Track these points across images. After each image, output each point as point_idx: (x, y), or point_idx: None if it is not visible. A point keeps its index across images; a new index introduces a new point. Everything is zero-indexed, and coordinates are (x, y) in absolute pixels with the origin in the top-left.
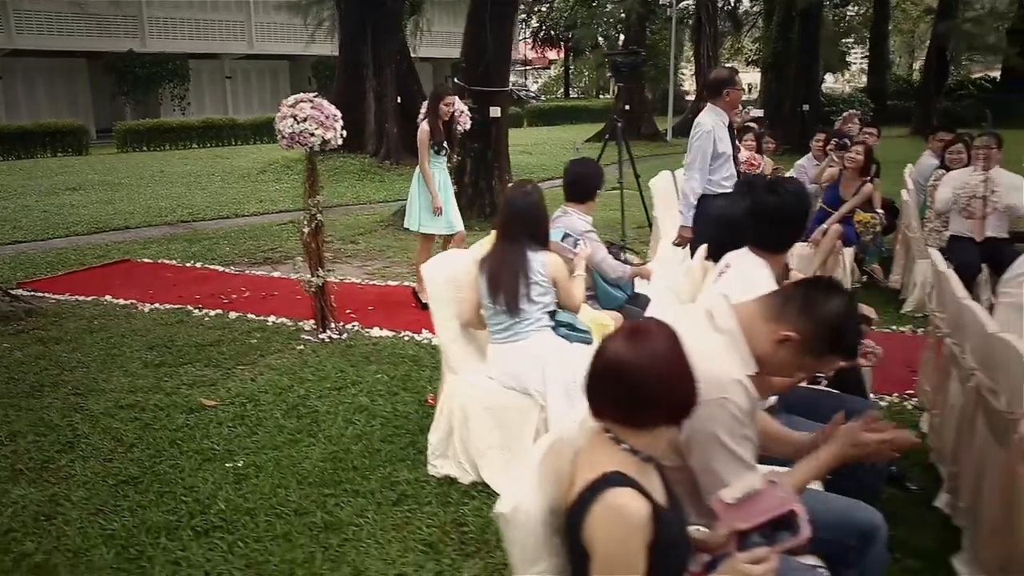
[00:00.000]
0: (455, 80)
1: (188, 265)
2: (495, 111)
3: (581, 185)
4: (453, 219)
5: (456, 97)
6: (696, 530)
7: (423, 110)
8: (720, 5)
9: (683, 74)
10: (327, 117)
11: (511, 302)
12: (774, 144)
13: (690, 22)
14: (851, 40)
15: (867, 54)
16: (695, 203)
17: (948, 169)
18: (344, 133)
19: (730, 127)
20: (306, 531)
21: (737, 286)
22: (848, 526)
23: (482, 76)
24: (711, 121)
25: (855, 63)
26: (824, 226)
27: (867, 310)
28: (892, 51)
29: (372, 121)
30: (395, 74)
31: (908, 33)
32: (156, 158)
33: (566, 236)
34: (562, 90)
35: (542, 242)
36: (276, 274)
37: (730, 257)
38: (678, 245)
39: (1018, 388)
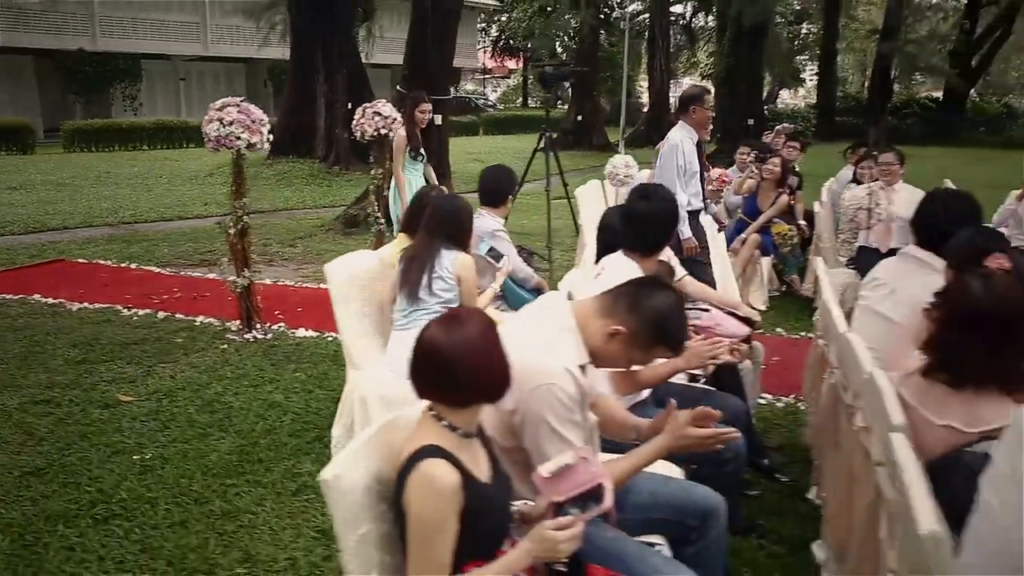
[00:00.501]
0: (398, 88)
1: (123, 266)
2: (437, 119)
3: (494, 190)
4: None
5: (388, 104)
6: (523, 504)
7: (358, 116)
8: (674, 19)
9: (641, 86)
10: (253, 121)
11: (412, 290)
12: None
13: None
14: (806, 57)
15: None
16: (686, 215)
17: (859, 182)
18: (271, 137)
19: (698, 145)
20: (203, 518)
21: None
22: (688, 507)
23: (424, 85)
24: (678, 137)
25: (810, 79)
26: (743, 236)
27: (749, 312)
28: (846, 69)
29: (322, 126)
30: (346, 80)
31: (860, 52)
32: (103, 159)
33: (491, 250)
34: (521, 99)
35: (459, 244)
36: (211, 275)
37: (606, 260)
38: (688, 256)
39: (859, 382)
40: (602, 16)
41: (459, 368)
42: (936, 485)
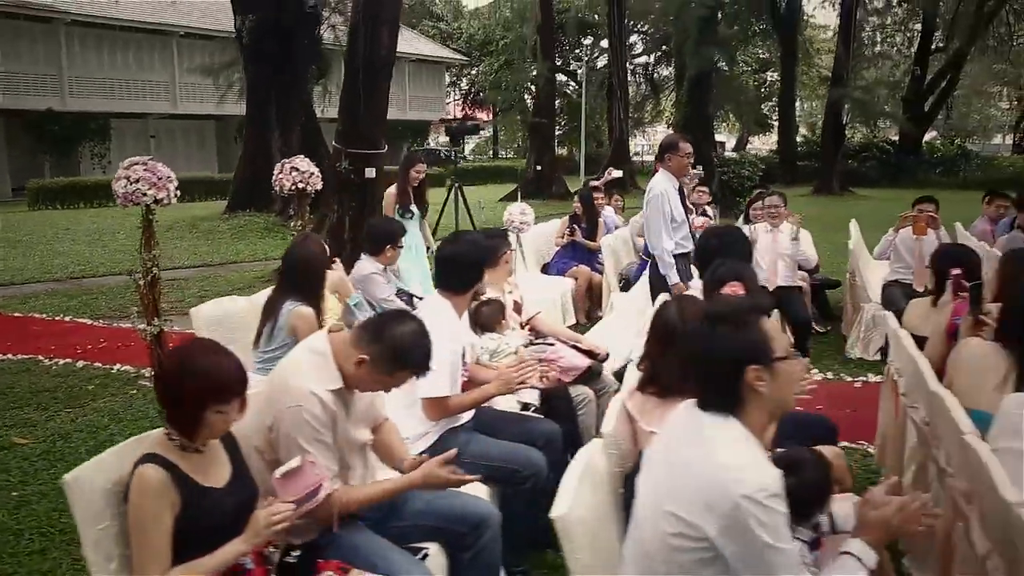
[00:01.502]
0: (333, 143)
1: (58, 318)
2: (370, 172)
3: (372, 238)
4: (421, 281)
5: (306, 159)
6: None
7: (276, 171)
8: (632, 69)
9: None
10: (159, 179)
11: (257, 338)
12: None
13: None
14: (774, 103)
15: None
16: (672, 261)
17: (752, 224)
18: (178, 193)
19: (680, 191)
20: (63, 546)
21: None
22: (459, 516)
23: (357, 139)
24: (660, 185)
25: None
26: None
27: (593, 346)
28: (814, 114)
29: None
30: (300, 135)
31: (823, 98)
32: (67, 216)
33: (358, 303)
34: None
35: (305, 293)
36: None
37: (423, 301)
38: None
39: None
40: (568, 69)
41: (168, 386)
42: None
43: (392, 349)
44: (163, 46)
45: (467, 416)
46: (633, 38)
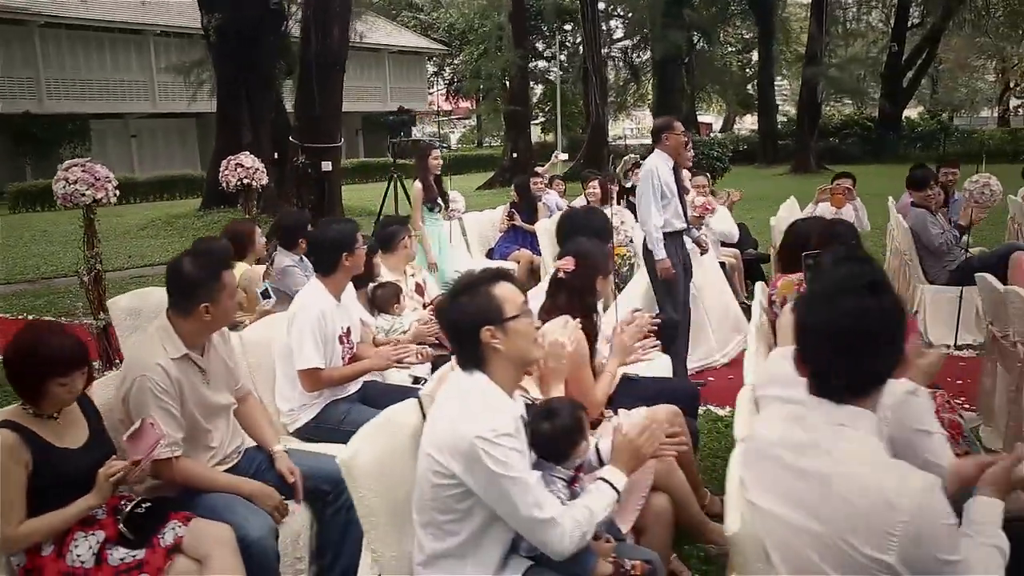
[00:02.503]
0: (290, 138)
1: (20, 317)
2: (326, 165)
3: (285, 231)
4: (450, 276)
5: (251, 156)
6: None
7: (222, 168)
8: (611, 53)
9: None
10: (97, 179)
11: None
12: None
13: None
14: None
15: (782, 96)
16: (661, 236)
17: None
18: (117, 193)
19: (675, 169)
20: None
21: (297, 304)
22: (325, 476)
23: (313, 133)
24: (653, 163)
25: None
26: None
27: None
28: (796, 93)
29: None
30: (270, 131)
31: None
32: (46, 218)
33: (264, 291)
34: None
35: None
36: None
37: (304, 287)
38: (664, 278)
39: None
40: (551, 55)
41: (7, 365)
42: None
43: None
44: (139, 45)
45: (353, 388)
46: (614, 22)
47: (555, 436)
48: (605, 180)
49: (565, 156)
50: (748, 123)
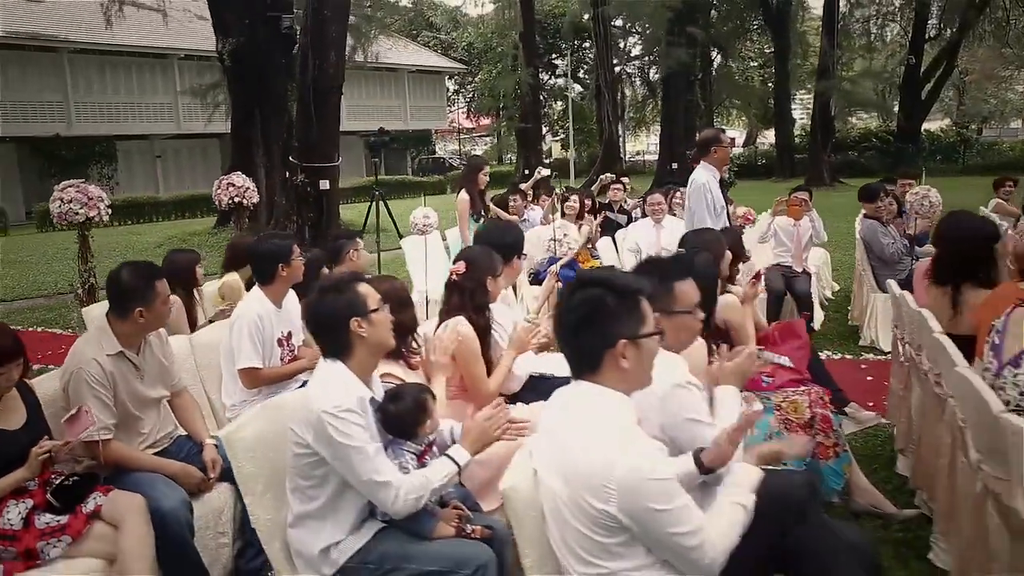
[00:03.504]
0: (290, 158)
1: (31, 330)
2: (324, 184)
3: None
4: None
5: (241, 175)
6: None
7: (215, 187)
8: (627, 70)
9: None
10: (90, 199)
11: None
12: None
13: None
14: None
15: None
16: None
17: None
18: (109, 211)
19: (721, 183)
20: None
21: (238, 310)
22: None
23: (311, 154)
24: (703, 177)
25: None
26: (554, 268)
27: None
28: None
29: (263, 194)
30: (282, 150)
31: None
32: (70, 237)
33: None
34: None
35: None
36: None
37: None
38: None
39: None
40: (574, 73)
41: None
42: None
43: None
44: (163, 68)
45: (294, 386)
46: (632, 39)
47: (400, 416)
48: (583, 196)
49: (548, 172)
50: (771, 137)
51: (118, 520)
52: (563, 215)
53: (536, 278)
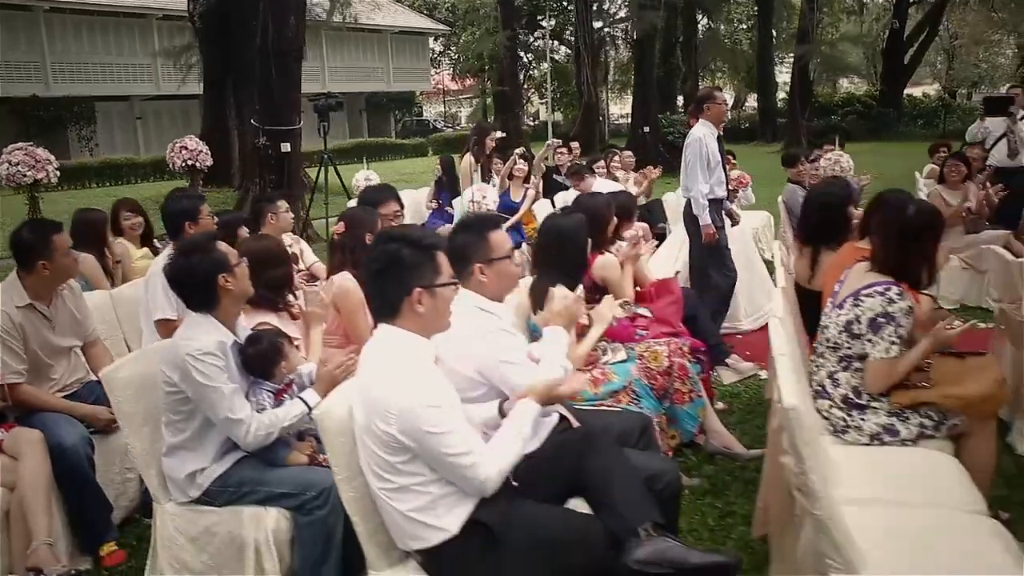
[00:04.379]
0: (252, 121)
1: None
2: (286, 147)
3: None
4: None
5: (195, 139)
6: None
7: (168, 151)
8: (608, 33)
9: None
10: (38, 161)
11: None
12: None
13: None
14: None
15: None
16: (706, 203)
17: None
18: (58, 173)
19: (719, 138)
20: None
21: (154, 266)
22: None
23: (273, 117)
24: (700, 132)
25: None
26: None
27: None
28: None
29: (236, 158)
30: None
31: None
32: (48, 197)
33: None
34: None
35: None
36: None
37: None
38: (707, 242)
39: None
40: (560, 34)
41: None
42: None
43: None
44: (143, 29)
45: None
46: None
47: (256, 358)
48: (529, 158)
49: (502, 134)
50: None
51: (18, 453)
52: (511, 177)
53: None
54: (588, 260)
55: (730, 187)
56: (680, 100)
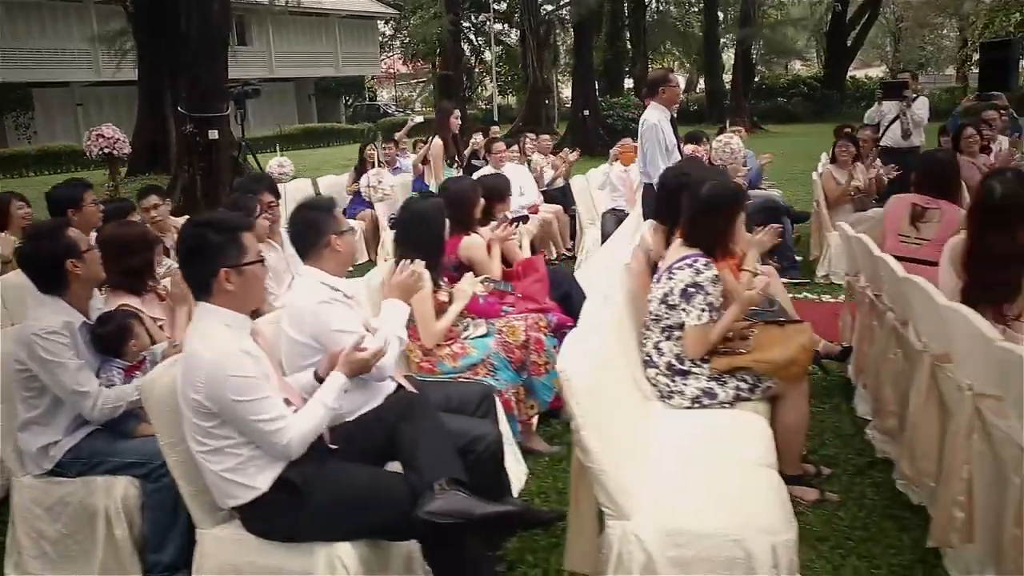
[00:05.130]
0: (179, 108)
1: None
2: (213, 134)
3: None
4: None
5: (112, 127)
6: None
7: (85, 138)
8: (557, 16)
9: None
10: None
11: None
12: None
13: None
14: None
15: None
16: None
17: None
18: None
19: (672, 120)
20: None
21: None
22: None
23: (198, 104)
24: (654, 117)
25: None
26: None
27: None
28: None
29: (173, 144)
30: None
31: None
32: None
33: None
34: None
35: None
36: None
37: None
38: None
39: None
40: (505, 16)
41: None
42: None
43: None
44: (80, 13)
45: None
46: None
47: (104, 337)
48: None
49: (420, 119)
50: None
51: None
52: (424, 161)
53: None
54: (448, 241)
55: None
56: (629, 83)
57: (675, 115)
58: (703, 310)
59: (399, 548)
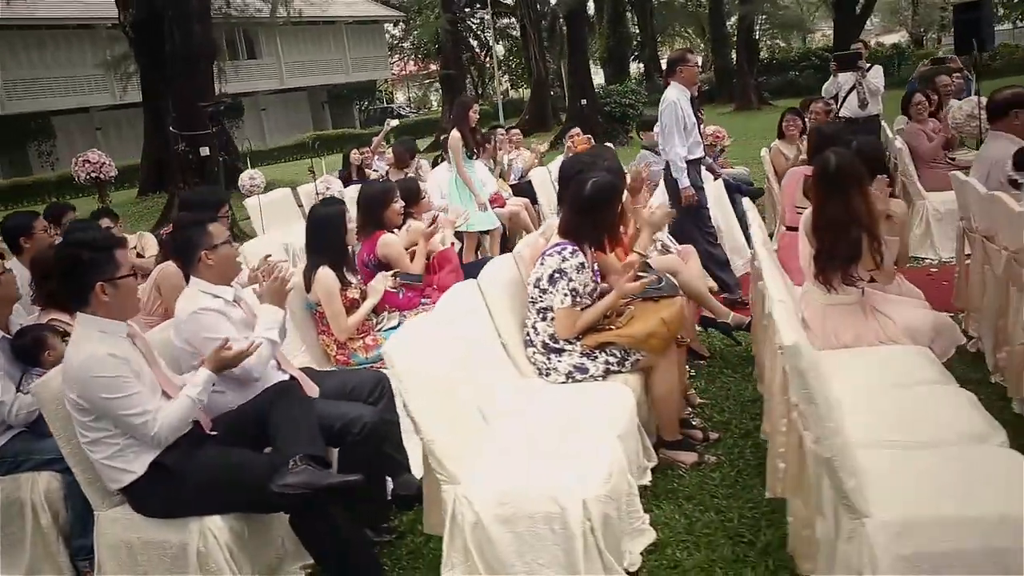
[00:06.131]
0: (170, 128)
1: None
2: (204, 151)
3: None
4: (492, 215)
5: (97, 151)
6: None
7: (72, 164)
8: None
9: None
10: None
11: None
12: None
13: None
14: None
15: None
16: (684, 166)
17: None
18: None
19: (692, 100)
20: None
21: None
22: None
23: (186, 123)
24: (674, 95)
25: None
26: None
27: None
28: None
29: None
30: None
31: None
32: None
33: None
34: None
35: None
36: None
37: None
38: (688, 206)
39: None
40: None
41: None
42: None
43: None
44: (92, 39)
45: None
46: None
47: (20, 349)
48: (402, 149)
49: (396, 122)
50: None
51: None
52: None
53: None
54: (365, 241)
55: (707, 143)
56: (638, 68)
57: (695, 94)
58: (566, 294)
59: (278, 520)
